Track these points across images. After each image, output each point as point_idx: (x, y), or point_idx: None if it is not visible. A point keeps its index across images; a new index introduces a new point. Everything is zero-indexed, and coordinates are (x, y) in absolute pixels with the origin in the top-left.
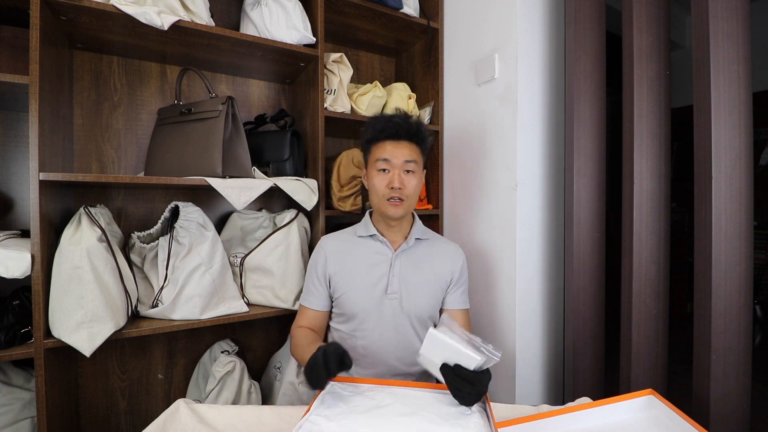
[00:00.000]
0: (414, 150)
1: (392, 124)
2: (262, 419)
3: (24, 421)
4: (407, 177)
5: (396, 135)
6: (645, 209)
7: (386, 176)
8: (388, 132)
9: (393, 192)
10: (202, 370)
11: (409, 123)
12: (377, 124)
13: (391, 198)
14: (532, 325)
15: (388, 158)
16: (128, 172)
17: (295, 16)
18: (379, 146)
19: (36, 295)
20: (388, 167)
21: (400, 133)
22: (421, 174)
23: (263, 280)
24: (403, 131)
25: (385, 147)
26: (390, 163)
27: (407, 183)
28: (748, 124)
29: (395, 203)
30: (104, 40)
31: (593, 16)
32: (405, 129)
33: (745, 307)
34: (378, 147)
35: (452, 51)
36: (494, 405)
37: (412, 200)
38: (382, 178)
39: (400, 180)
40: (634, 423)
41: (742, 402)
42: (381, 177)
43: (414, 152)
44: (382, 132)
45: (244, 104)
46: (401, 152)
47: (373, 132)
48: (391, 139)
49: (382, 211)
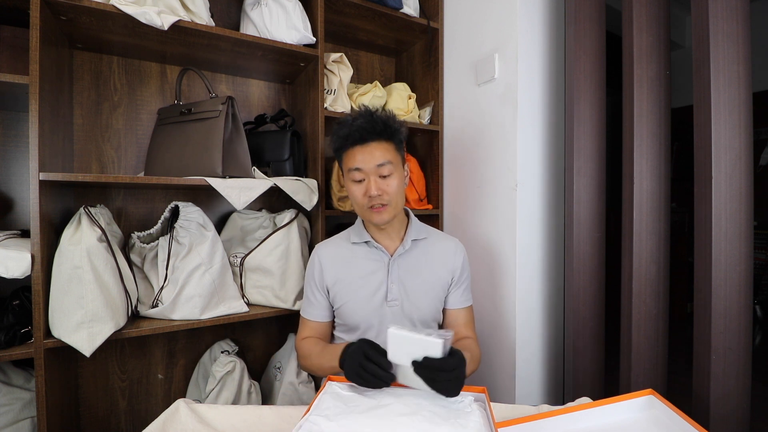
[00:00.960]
0: (386, 148)
1: (356, 128)
2: (262, 419)
3: (24, 421)
4: (384, 181)
5: (362, 139)
6: (645, 209)
7: (362, 185)
8: (353, 138)
9: (373, 200)
10: (202, 370)
11: (374, 121)
12: (341, 130)
13: (372, 206)
14: (532, 325)
15: (360, 167)
16: (128, 172)
17: (295, 16)
18: (348, 154)
19: (36, 295)
20: (362, 176)
21: (366, 135)
22: (401, 171)
23: (263, 280)
24: (368, 132)
25: (354, 155)
26: (362, 171)
27: (385, 187)
28: (748, 124)
29: (378, 209)
30: (104, 40)
31: (593, 16)
32: (370, 129)
33: (745, 307)
34: (347, 156)
35: (452, 51)
36: (494, 405)
37: (397, 201)
38: (359, 188)
39: (377, 186)
40: (634, 423)
41: (742, 402)
42: (357, 187)
43: (387, 151)
44: (348, 139)
45: (244, 104)
46: (371, 157)
47: (338, 140)
48: (359, 144)
49: (367, 219)
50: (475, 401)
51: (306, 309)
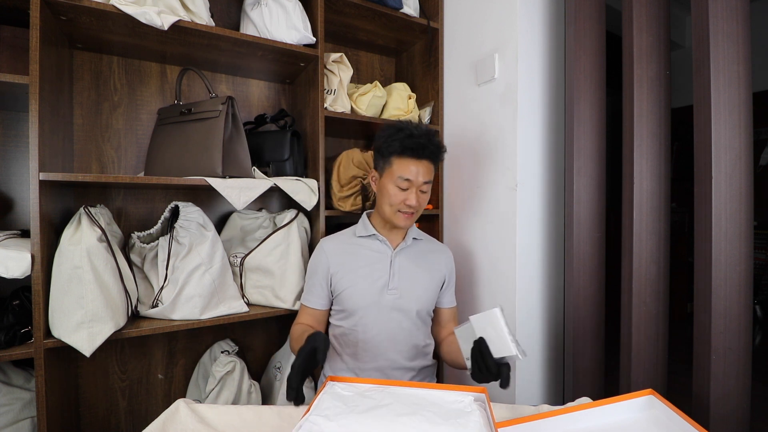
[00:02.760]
0: (431, 169)
1: (419, 145)
2: (262, 419)
3: (24, 421)
4: (423, 196)
5: (420, 155)
6: (645, 209)
7: (405, 193)
8: (413, 151)
9: (409, 208)
10: (202, 370)
11: (434, 144)
12: (403, 138)
13: (404, 211)
14: (532, 325)
15: (411, 179)
16: (128, 172)
17: (295, 16)
18: (402, 163)
19: (36, 295)
20: (408, 186)
21: (424, 153)
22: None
23: (263, 280)
24: (428, 152)
25: (408, 166)
26: (411, 182)
27: (422, 201)
28: (748, 124)
29: (407, 215)
30: (104, 40)
31: (593, 16)
32: (429, 151)
33: (745, 307)
34: (400, 163)
35: (452, 51)
36: (494, 405)
37: (420, 212)
38: (399, 193)
39: (417, 199)
40: (634, 423)
41: (742, 402)
42: (398, 192)
43: (431, 172)
44: (407, 149)
45: (244, 104)
46: (422, 173)
47: (397, 145)
48: (415, 158)
49: (390, 219)
50: (475, 401)
51: (306, 296)
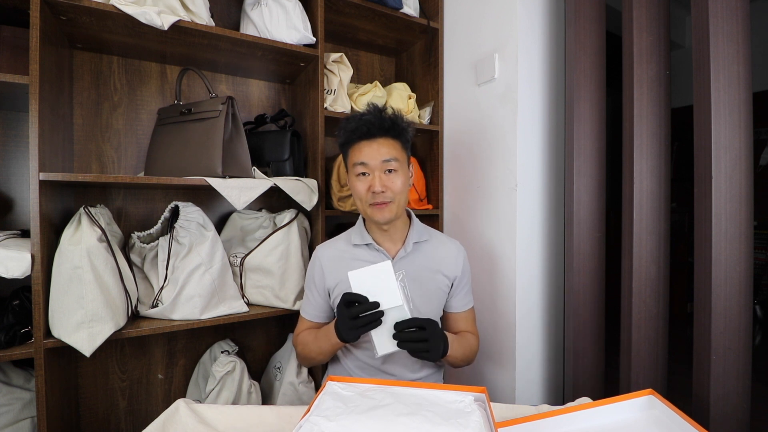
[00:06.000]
0: (393, 146)
1: (364, 122)
2: (262, 419)
3: (24, 421)
4: (389, 177)
5: (369, 133)
6: (645, 209)
7: (366, 180)
8: (360, 132)
9: (376, 196)
10: (202, 370)
11: (383, 118)
12: (349, 124)
13: (375, 203)
14: (532, 325)
15: (365, 161)
16: (128, 172)
17: (295, 16)
18: (355, 149)
19: (36, 295)
20: (367, 170)
21: (374, 130)
22: (406, 170)
23: (263, 280)
24: (376, 128)
25: (360, 149)
26: (368, 165)
27: (390, 183)
28: (748, 124)
29: (380, 206)
30: (104, 40)
31: (593, 16)
32: (378, 125)
33: (745, 307)
34: (353, 150)
35: (452, 51)
36: (494, 405)
37: (400, 200)
38: (363, 182)
39: (381, 182)
40: (634, 423)
41: (742, 402)
42: (361, 182)
43: (393, 148)
44: (355, 132)
45: (244, 104)
46: (378, 152)
47: (345, 134)
48: (366, 139)
49: (369, 217)
50: (475, 401)
51: (305, 308)
